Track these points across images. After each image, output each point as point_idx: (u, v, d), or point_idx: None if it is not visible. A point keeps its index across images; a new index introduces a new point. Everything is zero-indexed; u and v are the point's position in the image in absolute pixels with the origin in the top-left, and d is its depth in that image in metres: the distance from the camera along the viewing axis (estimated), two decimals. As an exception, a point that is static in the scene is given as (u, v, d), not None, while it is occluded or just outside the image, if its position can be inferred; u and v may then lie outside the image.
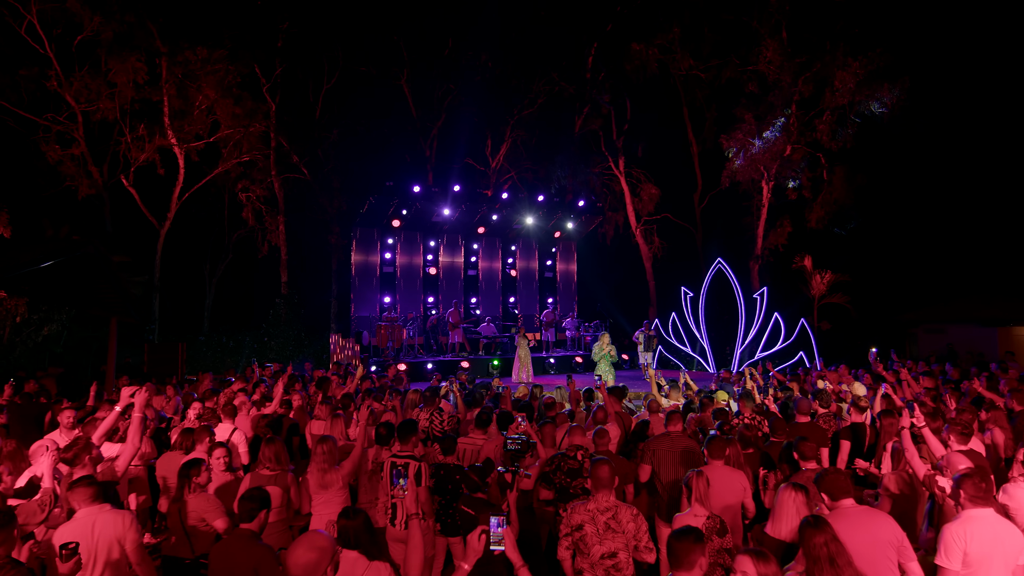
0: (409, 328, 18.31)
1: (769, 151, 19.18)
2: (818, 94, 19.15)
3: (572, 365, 19.23)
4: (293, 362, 20.73)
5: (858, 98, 17.88)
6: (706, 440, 4.85)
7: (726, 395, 8.28)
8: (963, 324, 20.38)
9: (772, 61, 18.71)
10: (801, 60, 18.83)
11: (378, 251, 19.90)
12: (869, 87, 17.70)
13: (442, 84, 24.29)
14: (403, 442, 5.06)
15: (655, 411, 7.04)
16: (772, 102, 19.42)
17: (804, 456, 4.80)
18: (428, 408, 6.86)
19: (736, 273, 19.16)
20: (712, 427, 6.81)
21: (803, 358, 16.14)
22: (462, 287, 21.51)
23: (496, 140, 25.38)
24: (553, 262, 23.22)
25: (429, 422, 6.69)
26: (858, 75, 17.40)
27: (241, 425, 7.35)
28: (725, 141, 20.09)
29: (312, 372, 11.82)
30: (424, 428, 6.67)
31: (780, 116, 19.16)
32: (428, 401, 6.90)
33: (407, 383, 11.47)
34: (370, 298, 19.72)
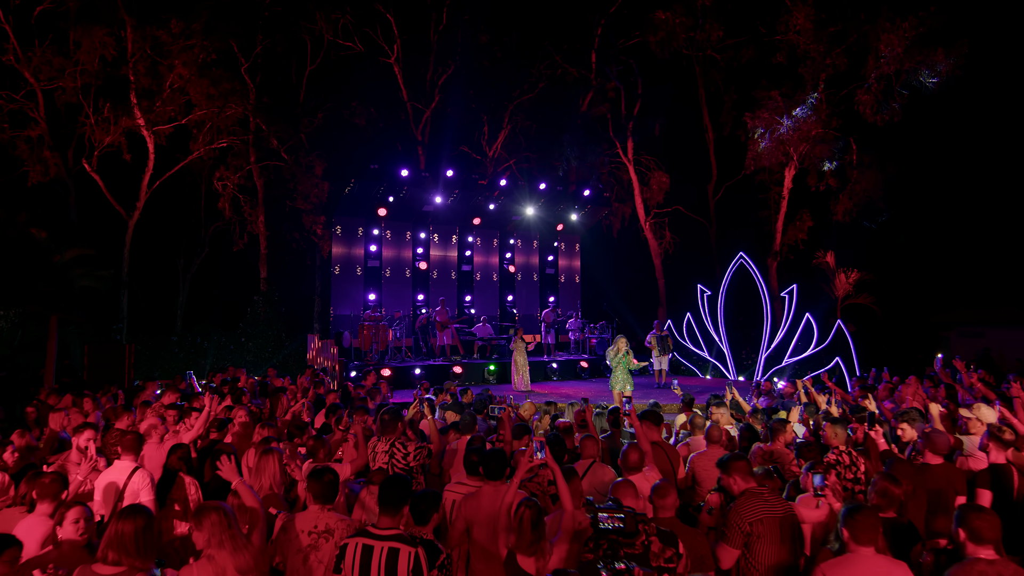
0: (396, 328, 16.48)
1: (799, 131, 17.30)
2: (854, 67, 17.26)
3: (577, 371, 17.42)
4: (272, 364, 18.97)
5: (907, 65, 15.92)
6: (844, 513, 3.02)
7: (786, 413, 6.47)
8: (1007, 328, 18.63)
9: (802, 30, 16.83)
10: (835, 29, 16.94)
11: (362, 243, 18.04)
12: (920, 52, 15.75)
13: (435, 65, 22.45)
14: (386, 511, 3.27)
15: (715, 440, 5.22)
16: (803, 74, 17.51)
17: (978, 537, 2.98)
18: (388, 437, 5.01)
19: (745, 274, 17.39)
20: (789, 465, 5.00)
21: (840, 365, 14.33)
22: (455, 284, 19.67)
23: (493, 127, 23.55)
24: (555, 257, 21.39)
25: (389, 456, 4.86)
26: (907, 38, 15.44)
27: (150, 460, 5.52)
28: (750, 120, 18.24)
29: (273, 380, 9.96)
30: (383, 466, 4.84)
31: (811, 93, 17.29)
32: (386, 427, 5.04)
33: (387, 394, 9.61)
34: (352, 295, 17.88)
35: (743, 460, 3.69)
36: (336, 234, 17.75)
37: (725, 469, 3.67)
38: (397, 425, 5.06)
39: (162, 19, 18.93)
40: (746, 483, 3.58)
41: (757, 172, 22.10)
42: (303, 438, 5.64)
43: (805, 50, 17.29)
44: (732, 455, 3.80)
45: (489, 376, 16.19)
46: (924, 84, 16.14)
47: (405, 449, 4.88)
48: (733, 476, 3.61)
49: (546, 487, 4.37)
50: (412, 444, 4.93)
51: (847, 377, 14.04)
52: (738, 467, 3.62)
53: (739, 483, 3.59)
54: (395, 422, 5.05)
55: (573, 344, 19.05)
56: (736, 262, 17.10)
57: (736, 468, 3.62)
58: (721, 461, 3.75)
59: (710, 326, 17.43)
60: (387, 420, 5.00)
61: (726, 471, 3.66)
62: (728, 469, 3.65)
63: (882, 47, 15.72)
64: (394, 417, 5.04)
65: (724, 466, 3.69)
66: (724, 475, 3.68)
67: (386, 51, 21.62)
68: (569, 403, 7.38)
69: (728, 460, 3.70)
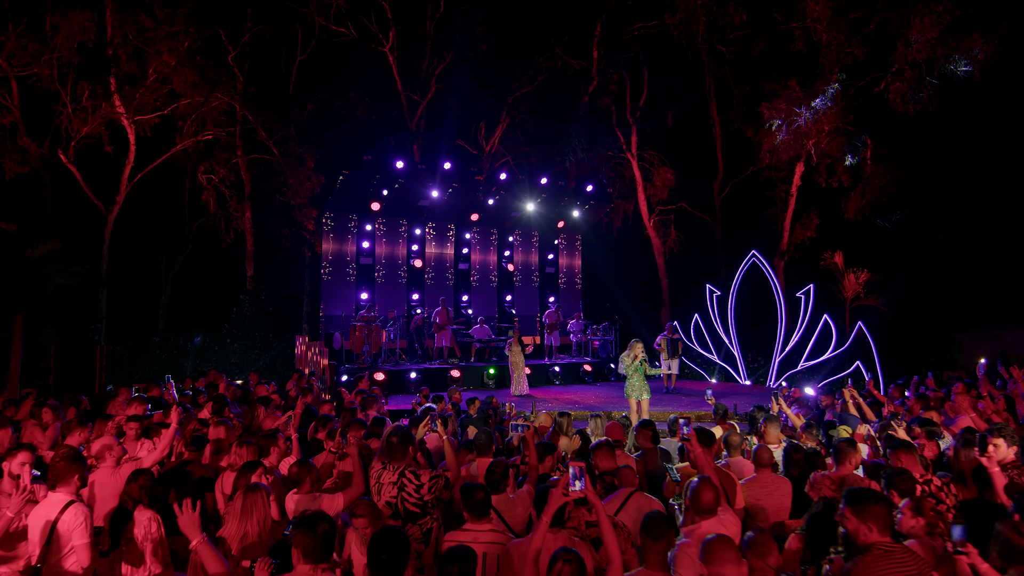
0: (390, 330, 15.59)
1: (819, 123, 16.49)
2: (872, 58, 16.48)
3: (580, 374, 16.59)
4: (258, 367, 18.03)
5: (940, 52, 15.09)
6: None
7: (848, 430, 5.65)
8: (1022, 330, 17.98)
9: (821, 16, 16.00)
10: (856, 16, 16.13)
11: (354, 239, 17.13)
12: (954, 38, 14.89)
13: (432, 55, 21.57)
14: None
15: (766, 464, 4.39)
16: (822, 63, 16.70)
17: None
18: (396, 464, 4.15)
19: (756, 272, 16.62)
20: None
21: (861, 369, 13.57)
22: (452, 283, 18.79)
23: (491, 120, 22.69)
24: (555, 256, 20.54)
25: (399, 488, 3.98)
26: (943, 22, 14.62)
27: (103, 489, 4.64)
28: (767, 111, 17.44)
29: (255, 387, 9.04)
30: (391, 501, 3.97)
31: (831, 83, 16.50)
32: (395, 452, 4.17)
33: (383, 402, 8.72)
34: (344, 294, 16.96)
35: (883, 504, 2.83)
36: (327, 230, 16.83)
37: (858, 511, 2.80)
38: (408, 450, 4.17)
39: (146, 3, 17.98)
40: (882, 535, 2.74)
41: (764, 169, 21.39)
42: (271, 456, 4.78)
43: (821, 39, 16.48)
44: (866, 493, 2.92)
45: (488, 380, 15.33)
46: (956, 72, 15.35)
47: (418, 480, 4.00)
48: (868, 523, 2.76)
49: (585, 530, 3.53)
50: (426, 473, 4.05)
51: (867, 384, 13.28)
52: (876, 513, 2.76)
53: (873, 534, 2.75)
54: (405, 447, 4.15)
55: (575, 346, 18.23)
56: (748, 261, 16.35)
57: (873, 514, 2.76)
58: (854, 496, 2.88)
59: (719, 327, 16.66)
60: (396, 444, 4.10)
61: (859, 514, 2.79)
62: (863, 513, 2.78)
63: (914, 32, 14.86)
64: (404, 440, 4.14)
65: (856, 506, 2.82)
66: (854, 517, 2.81)
67: (380, 39, 20.71)
68: (593, 414, 6.52)
69: (863, 500, 2.82)
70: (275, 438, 4.82)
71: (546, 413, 6.33)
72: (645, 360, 9.66)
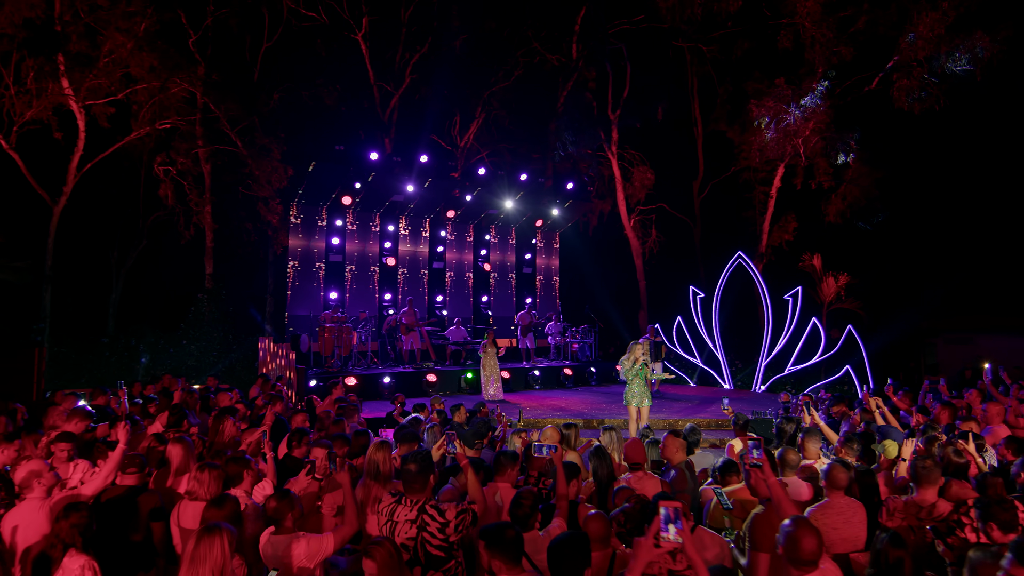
0: (361, 331, 14.72)
1: (809, 121, 16.19)
2: (861, 56, 16.26)
3: (560, 379, 15.97)
4: (217, 371, 16.95)
5: (944, 49, 14.90)
6: None
7: (895, 444, 5.10)
8: (999, 334, 18.00)
9: (811, 14, 15.71)
10: (845, 14, 15.91)
11: (323, 234, 16.22)
12: (957, 36, 14.68)
13: (406, 46, 20.71)
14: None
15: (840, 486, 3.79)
16: (810, 59, 16.41)
17: None
18: (414, 498, 3.36)
19: (737, 274, 16.28)
20: (962, 530, 3.59)
21: (850, 373, 13.28)
22: (426, 282, 17.99)
23: (466, 116, 21.93)
24: (533, 256, 19.91)
25: (418, 528, 3.20)
26: (947, 18, 14.39)
27: (27, 527, 3.78)
28: (755, 108, 17.10)
29: (216, 394, 8.12)
30: (408, 543, 3.22)
31: (820, 80, 16.23)
32: (413, 483, 3.37)
33: (360, 417, 7.90)
34: (311, 293, 16.03)
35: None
36: (294, 224, 15.88)
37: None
38: (428, 480, 3.42)
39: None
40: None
41: (744, 170, 21.15)
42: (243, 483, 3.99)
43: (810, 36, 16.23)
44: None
45: (466, 385, 14.58)
46: (955, 72, 15.19)
47: (443, 517, 3.24)
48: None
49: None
50: (451, 508, 3.29)
51: (859, 388, 13.00)
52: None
53: None
54: (426, 476, 3.39)
55: (553, 349, 17.61)
56: (734, 262, 16.00)
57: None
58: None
59: (703, 330, 16.25)
60: (414, 473, 3.33)
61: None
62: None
63: (921, 28, 14.62)
64: (424, 468, 3.38)
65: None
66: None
67: (352, 26, 19.77)
68: (605, 427, 5.87)
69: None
70: (246, 463, 4.01)
71: (552, 427, 5.65)
72: (647, 363, 9.08)
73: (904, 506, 3.73)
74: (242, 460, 3.91)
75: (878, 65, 16.74)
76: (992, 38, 14.61)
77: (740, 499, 3.94)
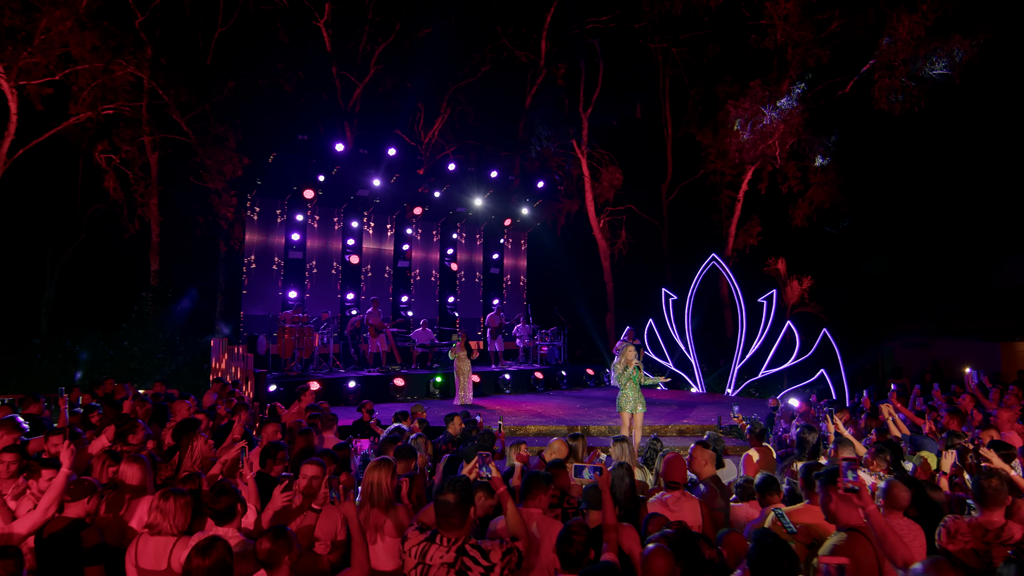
0: (323, 332, 13.89)
1: (787, 123, 16.16)
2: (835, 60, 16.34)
3: (531, 382, 15.46)
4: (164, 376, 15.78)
5: (923, 51, 15.01)
6: None
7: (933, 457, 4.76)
8: (956, 338, 18.41)
9: (789, 16, 15.69)
10: (822, 17, 15.96)
11: (282, 230, 15.28)
12: (935, 39, 14.78)
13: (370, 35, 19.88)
14: None
15: (901, 507, 3.38)
16: (790, 61, 16.39)
17: None
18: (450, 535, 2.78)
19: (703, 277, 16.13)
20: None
21: (825, 377, 13.20)
22: (391, 281, 17.23)
23: (431, 111, 21.24)
24: (500, 256, 19.36)
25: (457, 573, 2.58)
26: (927, 20, 14.49)
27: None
28: (733, 109, 17.00)
29: (167, 401, 7.26)
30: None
31: (797, 82, 16.23)
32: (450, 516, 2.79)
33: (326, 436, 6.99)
34: (269, 291, 15.08)
35: None
36: (251, 219, 14.90)
37: None
38: (469, 514, 2.83)
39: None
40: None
41: (711, 173, 21.14)
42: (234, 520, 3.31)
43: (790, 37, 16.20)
44: None
45: (435, 389, 13.91)
46: (932, 75, 15.36)
47: (487, 559, 2.67)
48: None
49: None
50: (496, 548, 2.72)
51: (833, 393, 12.95)
52: None
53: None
54: (465, 509, 2.80)
55: (521, 352, 17.11)
56: (708, 264, 15.83)
57: None
58: None
59: (675, 333, 16.01)
60: (453, 506, 2.74)
61: None
62: None
63: (901, 30, 14.69)
64: (464, 500, 2.79)
65: None
66: None
67: (314, 13, 18.84)
68: (616, 438, 5.36)
69: None
70: (236, 495, 3.30)
71: (560, 440, 5.12)
72: (639, 367, 8.64)
73: (969, 528, 3.35)
74: (232, 491, 3.23)
75: (852, 69, 16.88)
76: (971, 42, 14.82)
77: (805, 524, 3.47)
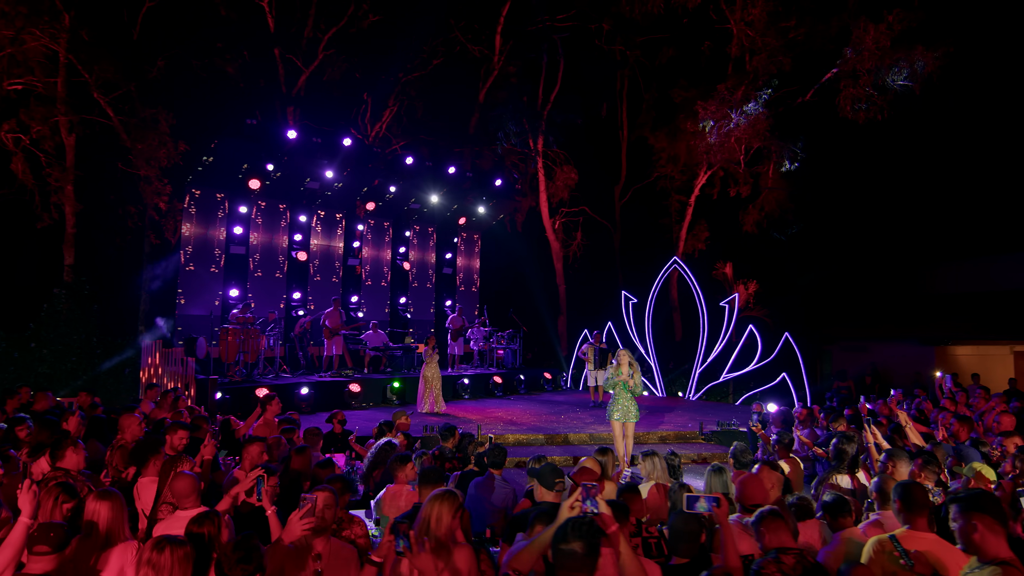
0: (270, 335, 12.83)
1: (753, 128, 16.25)
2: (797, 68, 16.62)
3: (490, 387, 14.89)
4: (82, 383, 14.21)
5: (887, 61, 15.35)
6: None
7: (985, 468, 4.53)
8: (893, 342, 19.12)
9: (755, 22, 15.82)
10: (788, 24, 16.19)
11: (224, 223, 14.05)
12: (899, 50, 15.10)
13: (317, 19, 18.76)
14: None
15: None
16: (755, 67, 16.52)
17: None
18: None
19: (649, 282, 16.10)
20: None
21: (787, 381, 13.31)
22: (340, 280, 16.24)
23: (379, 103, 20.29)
24: (454, 255, 18.67)
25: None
26: (893, 31, 14.81)
27: None
28: (702, 110, 16.96)
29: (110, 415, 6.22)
30: None
31: (760, 88, 16.38)
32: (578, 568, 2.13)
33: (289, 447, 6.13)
34: (208, 289, 13.82)
35: None
36: (189, 210, 13.60)
37: None
38: (597, 565, 2.16)
39: None
40: None
41: (661, 178, 21.23)
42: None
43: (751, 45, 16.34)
44: None
45: (392, 395, 13.11)
46: (894, 86, 15.79)
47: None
48: None
49: None
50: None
51: (795, 397, 13.06)
52: None
53: None
54: (595, 557, 2.15)
55: (476, 355, 16.51)
56: (669, 267, 15.77)
57: None
58: None
59: (635, 337, 15.84)
60: (582, 556, 2.10)
61: None
62: None
63: (868, 39, 14.99)
64: (592, 546, 2.15)
65: None
66: None
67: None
68: (645, 452, 4.90)
69: None
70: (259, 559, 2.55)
71: (592, 459, 4.60)
72: (634, 375, 8.18)
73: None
74: (258, 551, 2.50)
75: (812, 78, 17.24)
76: (933, 54, 15.32)
77: (924, 552, 3.07)
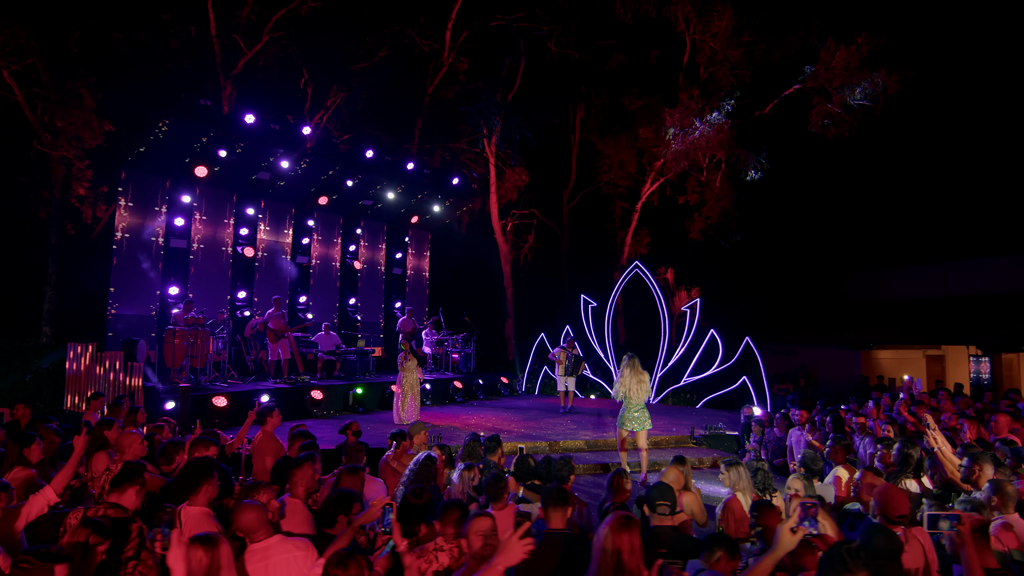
0: (218, 337, 11.72)
1: (718, 137, 16.56)
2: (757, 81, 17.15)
3: (450, 392, 14.36)
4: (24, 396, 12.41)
5: (854, 81, 16.01)
6: None
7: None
8: (819, 346, 20.14)
9: (720, 35, 16.18)
10: (750, 39, 16.65)
11: (163, 213, 12.72)
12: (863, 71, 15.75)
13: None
14: None
15: None
16: (719, 77, 16.89)
17: None
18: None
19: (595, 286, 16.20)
20: None
21: (747, 384, 13.67)
22: (288, 279, 15.15)
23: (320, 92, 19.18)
24: (404, 255, 17.93)
25: None
26: (861, 53, 15.47)
27: None
28: (669, 117, 17.09)
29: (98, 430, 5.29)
30: None
31: (723, 99, 16.75)
32: None
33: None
34: (144, 286, 12.46)
35: None
36: (122, 197, 12.19)
37: None
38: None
39: None
40: None
41: (605, 184, 21.45)
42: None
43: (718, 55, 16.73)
44: None
45: (354, 402, 12.32)
46: (854, 104, 16.53)
47: None
48: None
49: None
50: None
51: (755, 398, 13.43)
52: None
53: None
54: None
55: (430, 359, 15.91)
56: (631, 271, 15.85)
57: None
58: None
59: (594, 341, 15.81)
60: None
61: None
62: None
63: (838, 58, 15.60)
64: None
65: None
66: None
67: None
68: (728, 462, 4.69)
69: None
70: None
71: (674, 468, 4.34)
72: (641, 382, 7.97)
73: None
74: None
75: (772, 92, 17.89)
76: (895, 77, 16.20)
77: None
